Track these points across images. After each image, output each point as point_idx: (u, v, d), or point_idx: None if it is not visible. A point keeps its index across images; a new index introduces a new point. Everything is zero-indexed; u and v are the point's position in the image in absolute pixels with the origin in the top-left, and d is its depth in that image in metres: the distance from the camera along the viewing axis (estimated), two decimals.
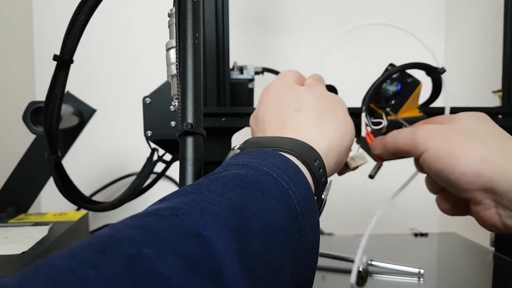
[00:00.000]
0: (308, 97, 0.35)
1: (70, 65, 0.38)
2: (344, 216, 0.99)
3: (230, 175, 0.24)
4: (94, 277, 0.14)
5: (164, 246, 0.16)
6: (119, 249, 0.15)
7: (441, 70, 0.45)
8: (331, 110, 0.35)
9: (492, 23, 0.84)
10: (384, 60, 0.49)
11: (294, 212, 0.24)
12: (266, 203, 0.22)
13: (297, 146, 0.29)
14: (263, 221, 0.21)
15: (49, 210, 0.65)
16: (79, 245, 0.16)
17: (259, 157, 0.26)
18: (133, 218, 0.18)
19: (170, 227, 0.18)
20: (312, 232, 0.25)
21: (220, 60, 0.54)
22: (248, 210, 0.21)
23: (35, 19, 0.94)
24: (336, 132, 0.33)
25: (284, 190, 0.24)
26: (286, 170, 0.26)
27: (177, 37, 0.32)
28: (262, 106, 0.36)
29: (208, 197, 0.21)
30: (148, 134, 0.54)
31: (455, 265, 0.59)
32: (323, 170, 0.30)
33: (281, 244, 0.22)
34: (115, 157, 0.98)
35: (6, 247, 0.44)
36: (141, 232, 0.17)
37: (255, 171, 0.25)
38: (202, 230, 0.18)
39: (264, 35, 0.98)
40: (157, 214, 0.18)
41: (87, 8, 0.36)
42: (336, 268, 0.56)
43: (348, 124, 0.35)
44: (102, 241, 0.16)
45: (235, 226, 0.19)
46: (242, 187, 0.23)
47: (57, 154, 0.44)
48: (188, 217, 0.18)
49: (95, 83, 0.94)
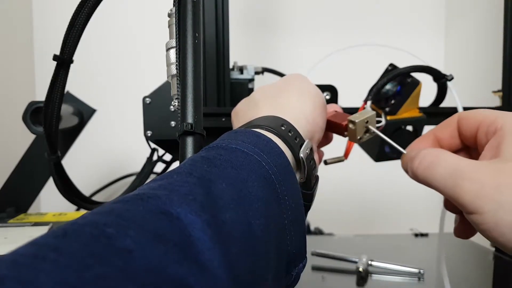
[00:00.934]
0: (261, 89, 0.37)
1: (70, 65, 0.38)
2: (344, 216, 0.99)
3: (197, 157, 0.24)
4: (53, 257, 0.14)
5: (127, 225, 0.16)
6: (81, 232, 0.16)
7: (448, 77, 0.45)
8: (285, 85, 0.36)
9: (492, 23, 0.84)
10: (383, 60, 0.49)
11: (269, 181, 0.24)
12: (237, 177, 0.23)
13: (263, 120, 0.30)
14: (234, 193, 0.22)
15: (49, 210, 0.65)
16: (43, 234, 0.16)
17: (229, 137, 0.27)
18: (101, 206, 0.19)
19: (135, 208, 0.18)
20: (293, 198, 0.26)
21: (220, 60, 0.54)
22: (217, 185, 0.21)
23: (35, 19, 0.94)
24: (295, 94, 0.34)
25: (256, 162, 0.25)
26: (257, 144, 0.26)
27: (177, 37, 0.32)
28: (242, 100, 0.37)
29: (176, 180, 0.21)
30: (148, 134, 0.54)
31: (456, 265, 0.59)
32: (293, 132, 0.30)
33: (258, 212, 0.22)
34: (115, 157, 0.98)
35: (6, 247, 0.44)
36: (104, 216, 0.17)
37: (225, 150, 0.25)
38: (170, 208, 0.18)
39: (264, 35, 0.98)
40: (123, 200, 0.19)
41: (87, 8, 0.36)
42: (336, 268, 0.56)
43: (307, 88, 0.35)
44: (64, 228, 0.16)
45: (203, 201, 0.20)
46: (211, 166, 0.23)
47: (57, 154, 0.44)
48: (154, 199, 0.19)
49: (95, 83, 0.94)
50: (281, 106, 0.33)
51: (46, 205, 0.90)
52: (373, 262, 0.55)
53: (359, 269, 0.53)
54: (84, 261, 0.14)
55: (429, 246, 0.69)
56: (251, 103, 0.35)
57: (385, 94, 0.47)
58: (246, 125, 0.31)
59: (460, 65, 0.97)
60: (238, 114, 0.36)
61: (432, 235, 0.72)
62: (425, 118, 0.47)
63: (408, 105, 0.46)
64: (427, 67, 0.45)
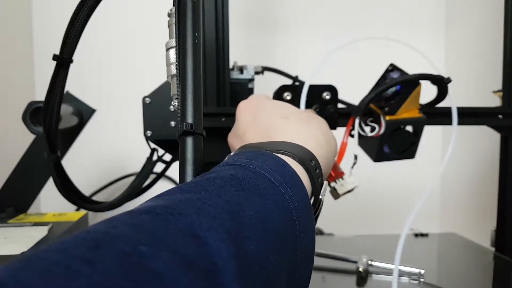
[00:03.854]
0: (291, 107, 0.36)
1: (70, 65, 0.38)
2: (344, 216, 0.99)
3: (227, 176, 0.24)
4: (88, 271, 0.14)
5: (159, 244, 0.16)
6: (114, 246, 0.15)
7: (447, 80, 0.45)
8: (313, 118, 0.36)
9: (492, 23, 0.84)
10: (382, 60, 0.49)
11: (290, 216, 0.24)
12: (262, 207, 0.22)
13: (292, 148, 0.30)
14: (259, 224, 0.21)
15: (49, 210, 0.65)
16: (72, 240, 0.15)
17: (257, 158, 0.26)
18: (129, 214, 0.18)
19: (166, 225, 0.17)
20: (307, 236, 0.25)
21: (220, 60, 0.54)
22: (244, 212, 0.21)
23: (35, 19, 0.94)
24: (323, 135, 0.33)
25: (280, 194, 0.24)
26: (283, 174, 0.26)
27: (177, 37, 0.32)
28: (239, 121, 0.36)
29: (205, 197, 0.21)
30: (148, 134, 0.54)
31: (455, 266, 0.59)
32: (319, 171, 0.30)
33: (277, 247, 0.22)
34: (115, 157, 0.98)
35: (6, 247, 0.44)
36: (136, 230, 0.17)
37: (253, 173, 0.25)
38: (198, 231, 0.18)
39: (264, 35, 0.98)
40: (153, 212, 0.18)
41: (86, 8, 0.36)
42: (336, 268, 0.56)
43: (330, 133, 0.36)
44: (97, 237, 0.16)
45: (231, 228, 0.19)
46: (239, 189, 0.23)
47: (56, 154, 0.44)
48: (184, 217, 0.18)
49: (95, 83, 0.94)
50: (307, 135, 0.32)
51: (46, 205, 0.90)
52: (373, 262, 0.55)
53: (359, 269, 0.53)
54: (117, 282, 0.14)
55: (429, 246, 0.68)
56: (281, 111, 0.34)
57: (384, 94, 0.47)
58: (268, 145, 0.30)
59: (460, 64, 0.97)
60: (245, 133, 0.35)
61: (432, 235, 0.72)
62: (425, 119, 0.47)
63: (407, 105, 0.46)
64: (425, 75, 0.44)
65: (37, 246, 0.45)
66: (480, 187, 0.88)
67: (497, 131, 0.60)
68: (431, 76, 0.45)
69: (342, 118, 0.50)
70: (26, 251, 0.43)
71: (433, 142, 1.01)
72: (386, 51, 0.97)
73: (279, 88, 0.49)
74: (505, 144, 0.62)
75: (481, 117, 0.56)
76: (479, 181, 0.88)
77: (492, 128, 0.58)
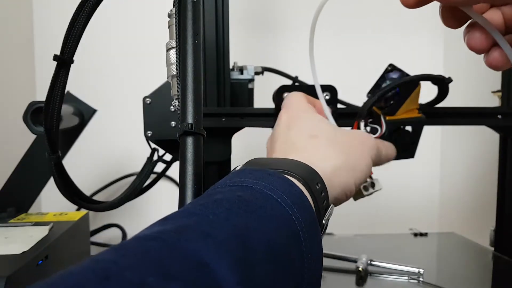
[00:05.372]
0: (325, 125, 0.36)
1: (71, 65, 0.38)
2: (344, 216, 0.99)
3: (234, 198, 0.24)
4: None
5: (167, 274, 0.16)
6: (123, 277, 0.15)
7: (448, 80, 0.45)
8: (349, 144, 0.35)
9: None
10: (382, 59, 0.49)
11: (297, 238, 0.24)
12: (270, 229, 0.22)
13: (298, 168, 0.29)
14: (267, 247, 0.21)
15: (50, 210, 0.65)
16: (81, 271, 0.15)
17: (263, 179, 0.26)
18: (136, 241, 0.18)
19: (173, 253, 0.18)
20: (314, 257, 0.25)
21: (220, 60, 0.54)
22: (252, 236, 0.21)
23: (35, 19, 0.94)
24: (346, 161, 0.32)
25: (288, 216, 0.24)
26: (290, 195, 0.25)
27: (177, 38, 0.32)
28: (276, 128, 0.36)
29: (212, 221, 0.21)
30: (148, 134, 0.54)
31: (455, 265, 0.59)
32: (324, 194, 0.29)
33: (283, 269, 0.22)
34: (115, 157, 0.98)
35: (6, 247, 0.44)
36: (144, 259, 0.17)
37: (260, 195, 0.24)
38: (206, 258, 0.18)
39: (264, 35, 0.98)
40: (160, 238, 0.18)
41: (87, 8, 0.36)
42: (336, 267, 0.56)
43: (364, 159, 0.35)
44: (105, 267, 0.16)
45: (238, 253, 0.19)
46: (247, 212, 0.22)
47: (57, 154, 0.44)
48: (192, 243, 0.18)
49: (95, 83, 0.94)
50: (325, 157, 0.32)
51: (46, 205, 0.90)
52: (372, 261, 0.55)
53: (358, 268, 0.54)
54: None
55: (429, 245, 0.69)
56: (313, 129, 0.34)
57: (384, 95, 0.47)
58: (275, 162, 0.30)
59: (459, 65, 0.97)
60: (276, 142, 0.34)
61: (431, 234, 0.72)
62: (424, 119, 0.47)
63: (407, 106, 0.46)
64: (426, 76, 0.44)
65: (37, 246, 0.45)
66: (479, 187, 0.88)
67: (496, 131, 0.60)
68: (432, 77, 0.45)
69: (342, 118, 0.50)
70: (26, 250, 0.43)
71: (433, 142, 1.01)
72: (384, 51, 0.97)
73: (279, 88, 0.49)
74: (504, 144, 0.62)
75: (480, 117, 0.56)
76: (478, 180, 0.89)
77: (491, 128, 0.59)
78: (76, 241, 0.58)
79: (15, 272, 0.38)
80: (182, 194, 0.29)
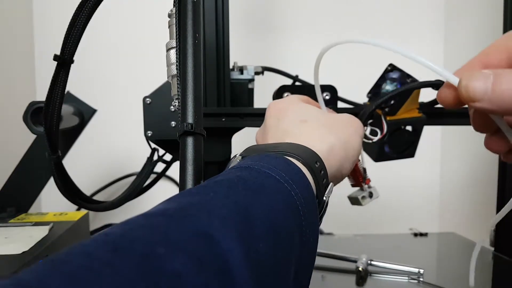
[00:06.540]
0: (314, 111, 0.36)
1: (71, 65, 0.39)
2: (344, 216, 0.99)
3: (234, 178, 0.24)
4: (110, 273, 0.14)
5: (175, 246, 0.17)
6: (132, 248, 0.16)
7: None
8: (338, 124, 0.35)
9: (492, 22, 0.84)
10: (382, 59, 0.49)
11: (297, 213, 0.24)
12: (270, 205, 0.23)
13: (297, 149, 0.30)
14: (268, 222, 0.22)
15: (50, 210, 0.65)
16: (91, 243, 0.16)
17: (261, 160, 0.27)
18: (143, 217, 0.19)
19: (180, 227, 0.18)
20: (312, 233, 0.26)
21: (220, 60, 0.54)
22: (253, 212, 0.21)
23: (35, 19, 0.94)
24: (338, 140, 0.33)
25: (287, 192, 0.25)
26: (288, 172, 0.26)
27: (177, 38, 0.32)
28: (265, 122, 0.37)
29: (214, 199, 0.21)
30: (149, 134, 0.54)
31: (455, 265, 0.59)
32: (324, 172, 0.30)
33: (285, 244, 0.22)
34: (115, 157, 0.98)
35: (7, 247, 0.44)
36: (152, 232, 0.17)
37: (258, 174, 0.25)
38: (210, 231, 0.18)
39: (264, 35, 0.98)
40: (166, 214, 0.19)
41: (87, 8, 0.36)
42: (336, 267, 0.56)
43: (354, 138, 0.35)
44: (115, 240, 0.16)
45: (241, 227, 0.20)
46: (246, 189, 0.23)
47: (57, 154, 0.44)
48: (196, 218, 0.19)
49: (95, 83, 0.94)
50: (319, 138, 0.32)
51: (46, 205, 0.90)
52: (372, 261, 0.55)
53: (358, 268, 0.54)
54: (138, 284, 0.14)
55: (429, 246, 0.69)
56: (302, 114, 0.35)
57: (384, 95, 0.47)
58: (273, 147, 0.31)
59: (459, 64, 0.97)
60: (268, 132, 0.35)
61: (431, 234, 0.72)
62: (424, 118, 0.47)
63: (407, 106, 0.46)
64: (428, 82, 0.44)
65: (37, 246, 0.45)
66: (479, 187, 0.88)
67: None
68: (432, 83, 0.45)
69: None
70: (26, 250, 0.43)
71: (433, 142, 1.01)
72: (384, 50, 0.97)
73: (279, 88, 0.49)
74: None
75: None
76: (478, 180, 0.89)
77: None
78: (76, 241, 0.58)
79: (15, 272, 0.38)
80: None
